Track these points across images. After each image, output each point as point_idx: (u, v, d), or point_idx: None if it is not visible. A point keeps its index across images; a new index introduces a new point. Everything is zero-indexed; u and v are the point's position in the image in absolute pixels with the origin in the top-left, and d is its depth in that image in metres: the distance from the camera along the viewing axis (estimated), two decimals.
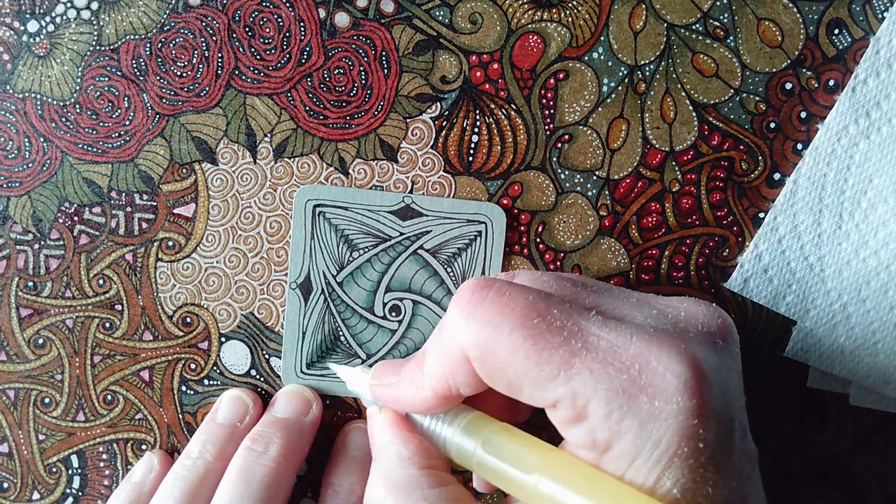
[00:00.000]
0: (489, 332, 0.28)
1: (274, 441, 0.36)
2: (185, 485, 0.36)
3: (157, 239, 0.39)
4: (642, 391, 0.26)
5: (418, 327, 0.39)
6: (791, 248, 0.38)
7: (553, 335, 0.27)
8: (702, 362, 0.27)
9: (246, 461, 0.35)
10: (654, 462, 0.26)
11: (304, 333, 0.39)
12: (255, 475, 0.35)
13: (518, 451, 0.29)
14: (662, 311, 0.30)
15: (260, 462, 0.35)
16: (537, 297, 0.28)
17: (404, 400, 0.32)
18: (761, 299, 0.39)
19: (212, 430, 0.38)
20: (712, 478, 0.26)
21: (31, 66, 0.38)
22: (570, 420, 0.27)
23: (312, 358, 0.39)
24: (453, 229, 0.39)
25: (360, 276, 0.39)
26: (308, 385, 0.40)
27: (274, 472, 0.35)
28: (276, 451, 0.36)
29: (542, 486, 0.27)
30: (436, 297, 0.39)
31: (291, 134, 0.38)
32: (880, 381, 0.39)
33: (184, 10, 0.38)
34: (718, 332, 0.30)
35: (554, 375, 0.27)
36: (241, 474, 0.35)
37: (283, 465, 0.36)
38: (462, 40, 0.38)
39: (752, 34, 0.38)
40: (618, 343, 0.27)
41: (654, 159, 0.39)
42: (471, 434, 0.30)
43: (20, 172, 0.38)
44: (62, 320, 0.39)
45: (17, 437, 0.40)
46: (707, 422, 0.26)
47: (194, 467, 0.36)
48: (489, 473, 0.29)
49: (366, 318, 0.39)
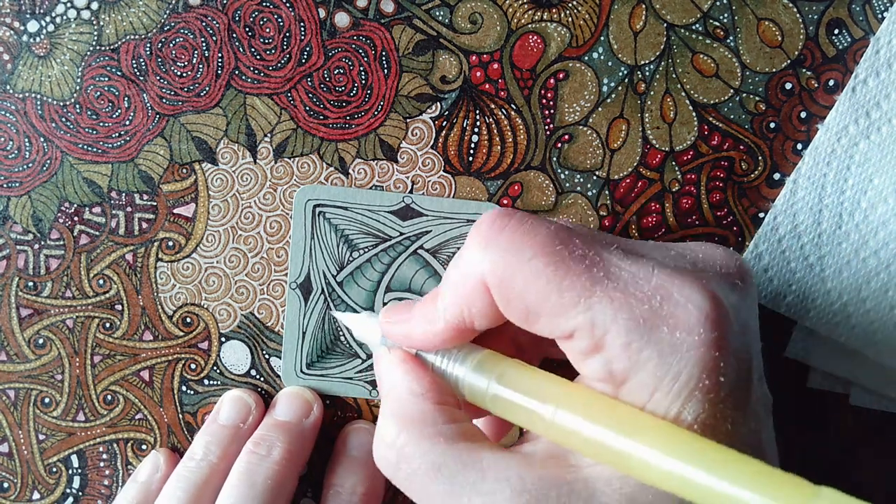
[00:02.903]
0: (510, 258, 0.27)
1: (277, 445, 0.36)
2: (190, 486, 0.36)
3: (157, 239, 0.39)
4: (663, 322, 0.26)
5: None
6: (791, 249, 0.38)
7: (575, 262, 0.27)
8: (722, 298, 0.26)
9: (249, 464, 0.35)
10: (675, 395, 0.25)
11: (304, 333, 0.39)
12: (259, 477, 0.35)
13: (534, 383, 0.28)
14: (681, 252, 0.29)
15: (263, 465, 0.35)
16: (559, 227, 0.28)
17: (416, 335, 0.31)
18: (761, 299, 0.39)
19: (215, 430, 0.38)
20: (731, 415, 0.26)
21: (32, 66, 0.38)
22: (587, 350, 0.27)
23: (312, 358, 0.39)
24: (453, 229, 0.39)
25: (360, 276, 0.39)
26: (308, 385, 0.40)
27: (277, 474, 0.35)
28: (279, 455, 0.36)
29: (559, 418, 0.27)
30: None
31: (291, 134, 0.38)
32: (880, 381, 0.39)
33: (184, 10, 0.38)
34: (737, 273, 0.29)
35: (574, 302, 0.26)
36: (245, 477, 0.35)
37: (285, 467, 0.36)
38: (462, 40, 0.38)
39: (752, 34, 0.38)
40: (640, 274, 0.26)
41: (654, 159, 0.39)
42: (484, 370, 0.29)
43: (20, 172, 0.38)
44: (62, 320, 0.39)
45: (17, 437, 0.40)
46: (727, 357, 0.26)
47: (198, 468, 0.36)
48: (504, 408, 0.29)
49: None
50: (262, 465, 0.35)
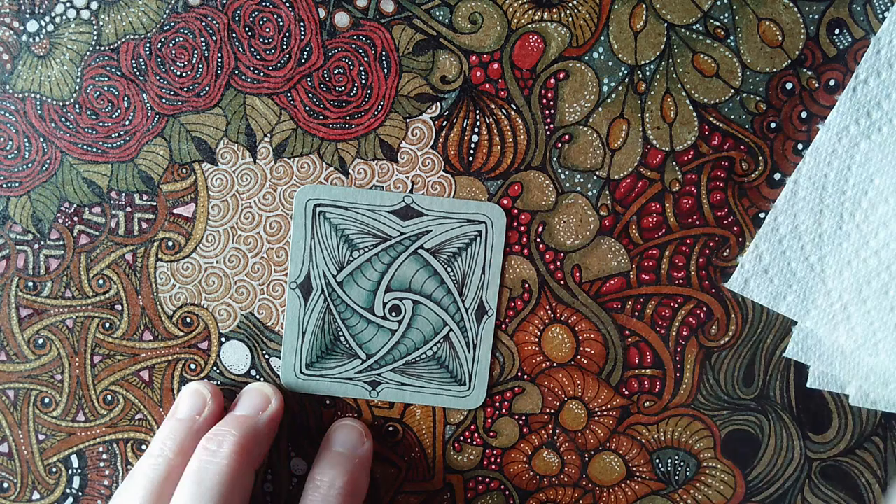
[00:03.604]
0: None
1: (227, 438, 0.36)
2: (149, 483, 0.35)
3: (157, 239, 0.39)
4: None
5: (418, 327, 0.39)
6: (792, 249, 0.38)
7: None
8: None
9: (200, 462, 0.35)
10: None
11: (304, 333, 0.39)
12: (208, 474, 0.35)
13: None
14: None
15: (213, 461, 0.35)
16: None
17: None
18: (762, 299, 0.39)
19: (172, 426, 0.38)
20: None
21: (31, 66, 0.38)
22: None
23: (312, 358, 0.39)
24: (454, 229, 0.39)
25: (360, 276, 0.39)
26: (308, 385, 0.40)
27: (226, 469, 0.35)
28: (229, 449, 0.35)
29: None
30: (436, 296, 0.39)
31: (291, 134, 0.38)
32: (880, 381, 0.39)
33: (183, 9, 0.38)
34: None
35: None
36: (194, 476, 0.35)
37: (235, 461, 0.35)
38: (462, 40, 0.38)
39: (752, 34, 0.38)
40: None
41: (655, 159, 0.38)
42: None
43: (20, 172, 0.38)
44: (62, 320, 0.39)
45: (17, 437, 0.40)
46: None
47: (156, 465, 0.36)
48: None
49: (366, 318, 0.39)
50: (212, 462, 0.35)
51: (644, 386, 0.40)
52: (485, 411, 0.40)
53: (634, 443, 0.41)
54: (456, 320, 0.39)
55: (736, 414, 0.40)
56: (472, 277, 0.39)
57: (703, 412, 0.40)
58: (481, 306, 0.39)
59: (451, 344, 0.40)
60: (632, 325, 0.40)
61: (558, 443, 0.41)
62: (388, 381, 0.40)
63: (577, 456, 0.41)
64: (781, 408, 0.40)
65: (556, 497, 0.41)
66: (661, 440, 0.41)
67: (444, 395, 0.40)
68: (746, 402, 0.40)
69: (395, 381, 0.40)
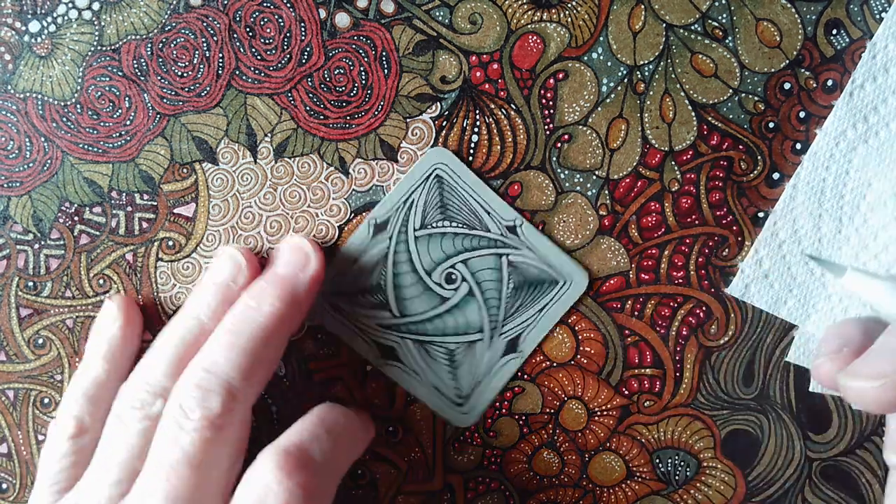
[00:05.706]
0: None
1: (268, 296, 0.35)
2: (181, 342, 0.35)
3: (158, 239, 0.39)
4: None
5: (459, 313, 0.39)
6: (791, 253, 0.38)
7: None
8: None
9: (238, 315, 0.35)
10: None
11: (356, 262, 0.39)
12: (246, 326, 0.34)
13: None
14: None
15: (251, 316, 0.35)
16: None
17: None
18: (762, 304, 0.39)
19: (209, 289, 0.37)
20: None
21: (33, 66, 0.38)
22: None
23: (345, 288, 0.39)
24: (540, 265, 0.39)
25: (436, 242, 0.39)
26: (327, 316, 0.39)
27: (264, 324, 0.35)
28: (269, 310, 0.35)
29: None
30: (489, 299, 0.39)
31: (292, 134, 0.38)
32: None
33: (185, 10, 0.38)
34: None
35: None
36: (232, 326, 0.35)
37: (274, 319, 0.35)
38: (462, 40, 0.38)
39: (750, 34, 0.38)
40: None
41: (654, 159, 0.39)
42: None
43: (21, 172, 0.38)
44: (62, 320, 0.39)
45: (17, 437, 0.40)
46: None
47: (191, 327, 0.36)
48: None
49: (419, 277, 0.39)
50: (250, 316, 0.35)
51: (644, 386, 0.40)
52: (485, 411, 0.40)
53: (634, 443, 0.41)
54: (488, 335, 0.39)
55: (736, 414, 0.40)
56: (527, 312, 0.39)
57: (702, 412, 0.40)
58: (515, 341, 0.39)
59: (474, 352, 0.39)
60: (631, 325, 0.40)
61: (558, 443, 0.40)
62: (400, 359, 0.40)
63: (577, 456, 0.41)
64: (781, 407, 0.40)
65: (556, 497, 0.41)
66: (661, 440, 0.40)
67: (440, 398, 0.40)
68: (746, 401, 0.40)
69: (407, 358, 0.40)
